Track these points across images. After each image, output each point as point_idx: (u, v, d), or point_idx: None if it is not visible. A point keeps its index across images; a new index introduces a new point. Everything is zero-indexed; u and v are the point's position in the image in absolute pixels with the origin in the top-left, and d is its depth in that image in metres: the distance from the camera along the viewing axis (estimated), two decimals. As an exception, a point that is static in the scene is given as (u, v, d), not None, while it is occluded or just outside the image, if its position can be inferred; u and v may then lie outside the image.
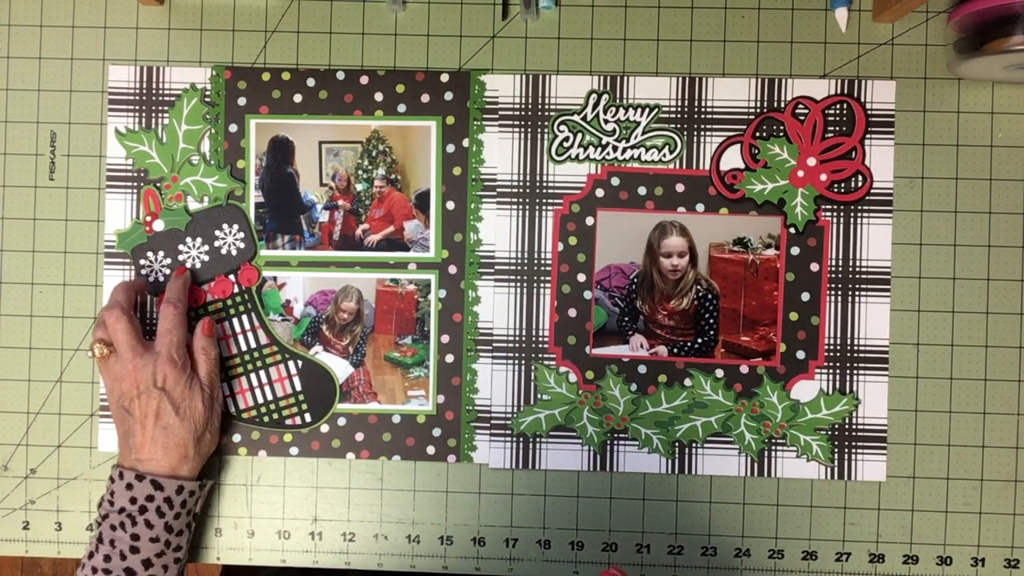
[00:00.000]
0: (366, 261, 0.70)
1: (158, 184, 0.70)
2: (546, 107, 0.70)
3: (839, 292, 0.69)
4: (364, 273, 0.70)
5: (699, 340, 0.69)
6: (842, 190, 0.69)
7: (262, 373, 0.70)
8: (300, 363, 0.70)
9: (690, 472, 0.69)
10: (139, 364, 0.63)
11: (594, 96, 0.70)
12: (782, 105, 0.69)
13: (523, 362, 0.70)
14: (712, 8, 0.70)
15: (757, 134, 0.69)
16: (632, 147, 0.69)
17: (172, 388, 0.63)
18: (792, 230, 0.69)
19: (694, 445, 0.69)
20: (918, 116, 0.69)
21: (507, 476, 0.70)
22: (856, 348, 0.69)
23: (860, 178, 0.69)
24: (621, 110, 0.69)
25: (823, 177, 0.69)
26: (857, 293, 0.69)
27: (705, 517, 0.69)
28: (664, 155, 0.69)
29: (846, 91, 0.69)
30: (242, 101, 0.70)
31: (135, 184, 0.70)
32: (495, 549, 0.70)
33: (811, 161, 0.69)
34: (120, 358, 0.64)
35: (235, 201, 0.70)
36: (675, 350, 0.69)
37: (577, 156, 0.70)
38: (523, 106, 0.70)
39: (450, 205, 0.70)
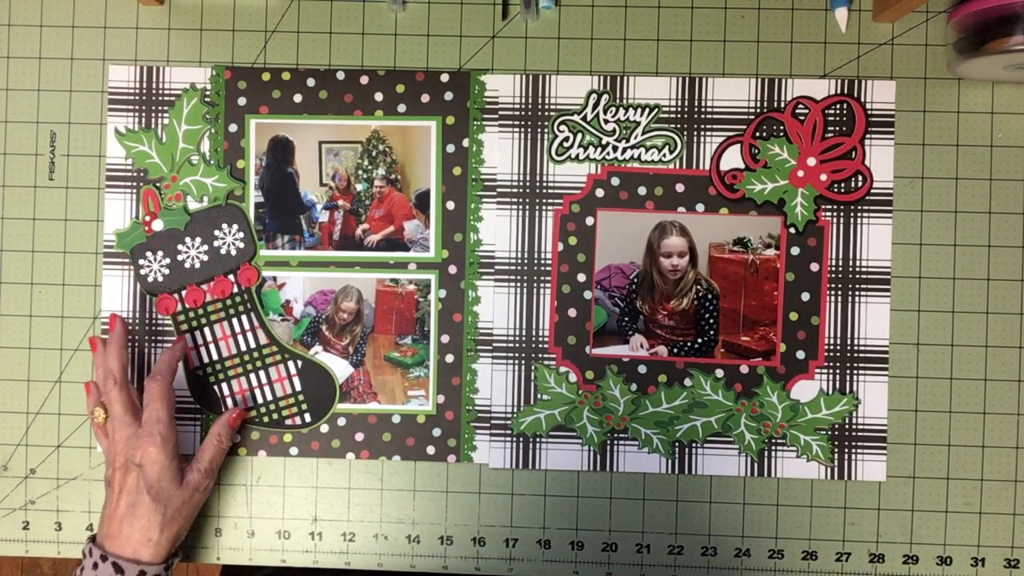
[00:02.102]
0: (366, 261, 0.70)
1: (158, 184, 0.70)
2: (546, 107, 0.70)
3: (839, 292, 0.69)
4: (364, 273, 0.70)
5: (699, 340, 0.69)
6: (842, 190, 0.69)
7: (262, 373, 0.70)
8: (300, 363, 0.70)
9: (690, 472, 0.69)
10: (124, 436, 0.63)
11: (594, 96, 0.70)
12: (782, 105, 0.69)
13: (523, 362, 0.70)
14: (712, 8, 0.70)
15: (757, 134, 0.69)
16: (632, 147, 0.69)
17: (149, 465, 0.62)
18: (792, 230, 0.69)
19: (694, 445, 0.69)
20: (918, 116, 0.69)
21: (507, 476, 0.70)
22: (856, 348, 0.69)
23: (860, 178, 0.69)
24: (621, 110, 0.69)
25: (823, 177, 0.69)
26: (857, 293, 0.69)
27: (705, 517, 0.69)
28: (664, 155, 0.69)
29: (846, 91, 0.69)
30: (242, 101, 0.70)
31: (135, 184, 0.70)
32: (495, 549, 0.69)
33: (811, 161, 0.69)
34: (113, 427, 0.64)
35: (235, 201, 0.70)
36: (675, 350, 0.69)
37: (577, 156, 0.70)
38: (523, 106, 0.70)
39: (450, 205, 0.70)
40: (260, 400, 0.70)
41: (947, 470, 0.69)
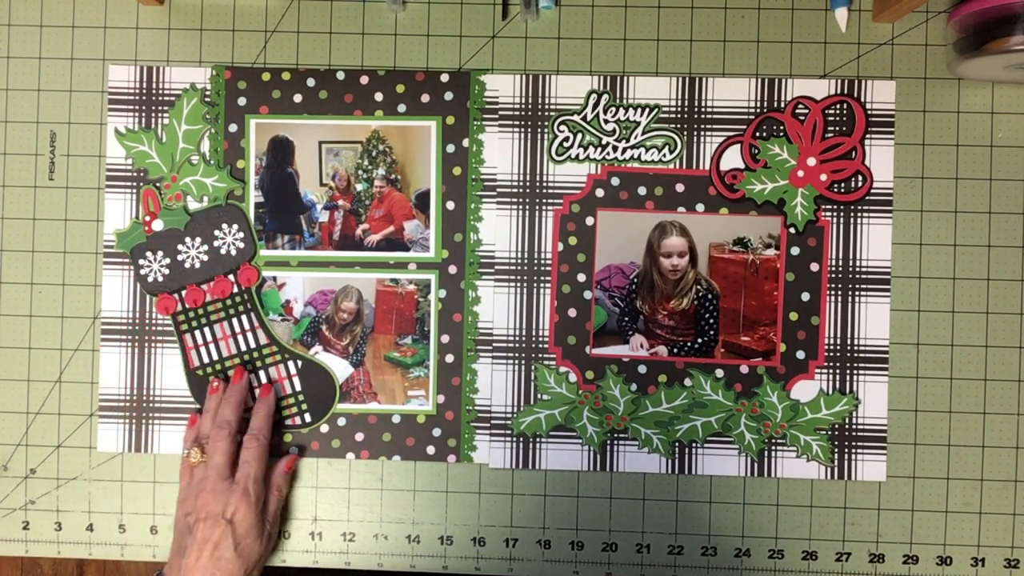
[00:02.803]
0: (366, 261, 0.70)
1: (158, 184, 0.70)
2: (546, 107, 0.70)
3: (839, 292, 0.69)
4: (364, 273, 0.70)
5: (699, 340, 0.69)
6: (842, 190, 0.69)
7: (262, 373, 0.70)
8: (300, 363, 0.70)
9: (690, 472, 0.69)
10: (219, 489, 0.63)
11: (594, 96, 0.70)
12: (782, 105, 0.69)
13: (523, 362, 0.70)
14: (712, 8, 0.70)
15: (757, 134, 0.69)
16: (632, 147, 0.69)
17: (240, 523, 0.63)
18: (792, 230, 0.69)
19: (694, 445, 0.69)
20: (918, 116, 0.69)
21: (507, 476, 0.70)
22: (856, 348, 0.69)
23: (860, 178, 0.69)
24: (621, 110, 0.69)
25: (823, 177, 0.69)
26: (857, 293, 0.69)
27: (705, 517, 0.69)
28: (664, 155, 0.69)
29: (846, 91, 0.69)
30: (242, 101, 0.70)
31: (135, 184, 0.70)
32: (495, 549, 0.69)
33: (811, 161, 0.69)
34: (206, 476, 0.64)
35: (235, 201, 0.70)
36: (675, 350, 0.69)
37: (577, 156, 0.70)
38: (523, 106, 0.70)
39: (450, 205, 0.70)
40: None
41: (947, 470, 0.69)
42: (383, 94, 0.70)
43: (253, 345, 0.70)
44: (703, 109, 0.69)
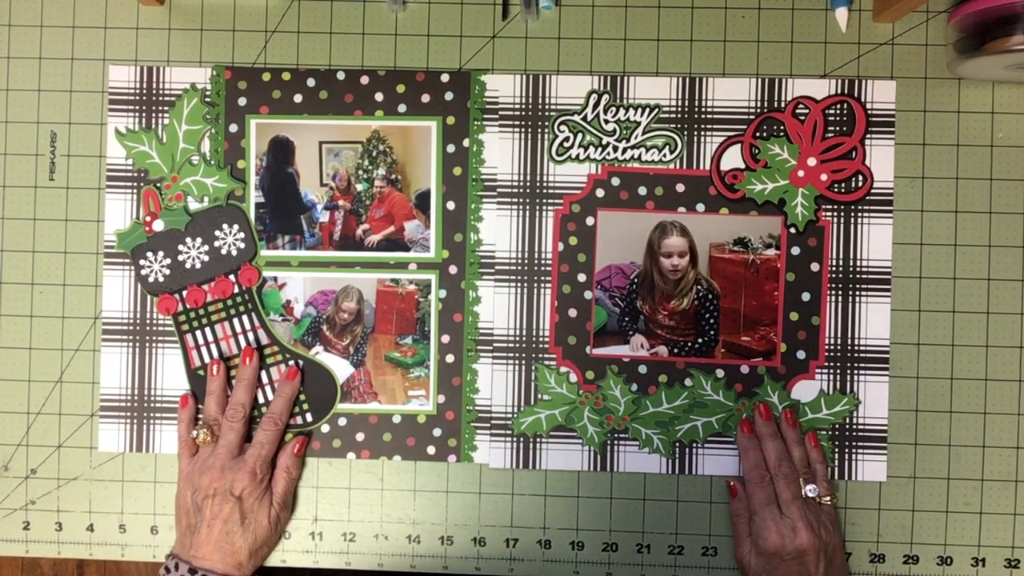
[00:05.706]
0: (366, 261, 0.70)
1: (158, 184, 0.70)
2: (546, 107, 0.70)
3: (839, 292, 0.69)
4: (364, 273, 0.70)
5: (699, 340, 0.69)
6: (842, 190, 0.69)
7: (263, 373, 0.70)
8: (301, 363, 0.70)
9: (690, 472, 0.69)
10: (228, 466, 0.65)
11: (594, 96, 0.70)
12: (782, 105, 0.69)
13: (523, 362, 0.70)
14: (712, 8, 0.70)
15: (757, 134, 0.69)
16: (632, 147, 0.69)
17: (246, 499, 0.65)
18: (792, 230, 0.69)
19: (694, 445, 0.69)
20: (918, 116, 0.69)
21: (507, 476, 0.70)
22: (856, 348, 0.69)
23: (860, 178, 0.69)
24: (621, 110, 0.69)
25: (823, 177, 0.69)
26: (857, 293, 0.69)
27: (705, 517, 0.69)
28: (664, 155, 0.69)
29: (846, 91, 0.69)
30: (242, 101, 0.70)
31: (135, 184, 0.70)
32: (495, 549, 0.70)
33: (811, 161, 0.69)
34: (216, 453, 0.65)
35: (235, 201, 0.70)
36: (675, 350, 0.69)
37: (577, 156, 0.70)
38: (523, 106, 0.70)
39: (450, 205, 0.70)
40: (261, 400, 0.70)
41: (947, 470, 0.69)
42: (383, 94, 0.70)
43: (254, 345, 0.70)
44: (703, 109, 0.69)
